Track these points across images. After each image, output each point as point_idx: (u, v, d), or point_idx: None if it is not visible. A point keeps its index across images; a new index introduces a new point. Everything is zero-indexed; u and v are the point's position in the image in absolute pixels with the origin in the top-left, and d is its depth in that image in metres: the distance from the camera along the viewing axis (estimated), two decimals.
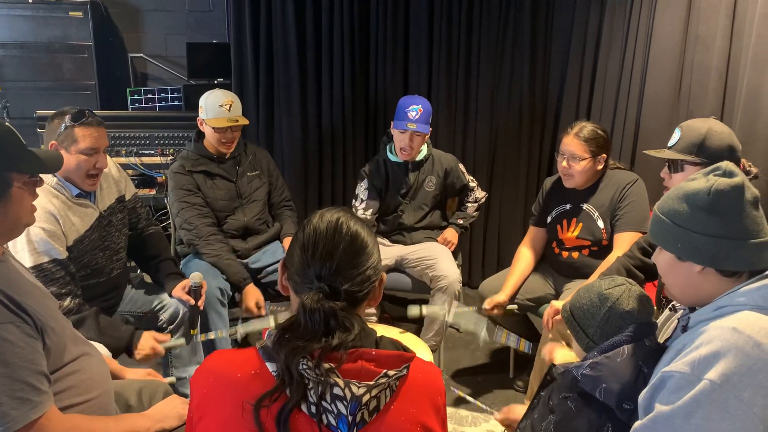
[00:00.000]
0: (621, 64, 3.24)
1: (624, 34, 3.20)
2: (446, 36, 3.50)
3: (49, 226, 1.98)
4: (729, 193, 1.18)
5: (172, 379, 1.93)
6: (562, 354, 1.78)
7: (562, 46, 3.45)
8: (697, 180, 1.23)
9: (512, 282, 2.59)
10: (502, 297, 2.53)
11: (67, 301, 1.98)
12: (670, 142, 1.92)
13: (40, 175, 1.41)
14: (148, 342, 2.05)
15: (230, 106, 2.66)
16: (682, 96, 3.05)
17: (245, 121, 2.70)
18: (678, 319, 1.37)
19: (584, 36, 3.35)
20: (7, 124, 1.37)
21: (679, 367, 1.13)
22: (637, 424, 1.18)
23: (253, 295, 2.53)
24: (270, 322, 2.18)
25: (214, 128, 2.63)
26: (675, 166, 1.90)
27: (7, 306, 1.26)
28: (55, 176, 2.07)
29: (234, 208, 2.75)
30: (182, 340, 2.21)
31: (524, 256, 2.66)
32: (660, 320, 1.57)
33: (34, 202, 1.42)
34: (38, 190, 1.42)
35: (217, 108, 2.63)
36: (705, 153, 1.82)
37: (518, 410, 1.62)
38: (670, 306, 1.62)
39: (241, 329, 2.01)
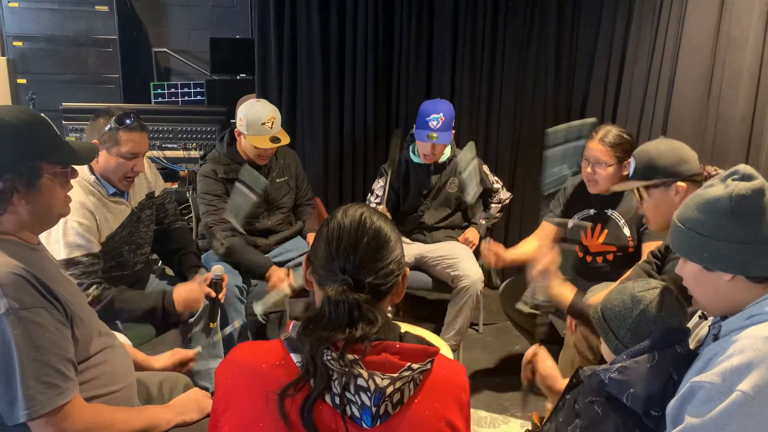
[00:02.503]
0: (649, 64, 3.18)
1: (653, 33, 3.14)
2: (470, 34, 3.48)
3: (86, 221, 2.02)
4: (751, 197, 1.15)
5: (198, 348, 1.94)
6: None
7: (589, 45, 3.40)
8: (714, 186, 1.20)
9: (519, 250, 2.58)
10: (506, 254, 2.52)
11: (92, 289, 2.01)
12: (629, 173, 1.93)
13: (75, 166, 1.41)
14: (181, 291, 2.11)
15: (272, 123, 2.59)
16: (711, 98, 2.98)
17: (286, 140, 2.64)
18: (709, 327, 1.34)
19: (611, 35, 3.30)
20: (42, 114, 1.37)
21: (710, 377, 1.10)
22: None
23: (277, 272, 2.53)
24: (285, 290, 2.19)
25: (254, 146, 2.59)
26: (641, 194, 1.89)
27: (40, 291, 1.26)
28: (93, 174, 2.10)
29: (259, 214, 2.75)
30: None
31: (531, 243, 2.65)
32: (690, 325, 1.53)
33: (73, 198, 1.42)
34: (76, 186, 1.42)
35: (260, 126, 2.56)
36: (660, 173, 1.82)
37: (560, 381, 1.60)
38: (699, 314, 1.59)
39: (259, 307, 2.01)
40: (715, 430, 1.06)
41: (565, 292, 1.93)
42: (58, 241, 1.94)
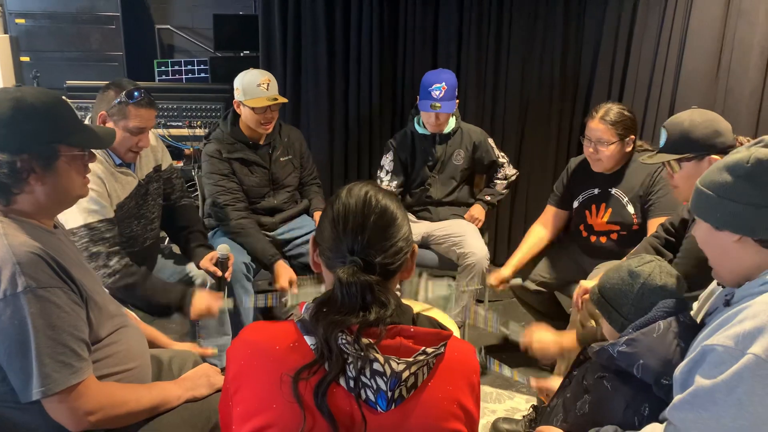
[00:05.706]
0: (657, 38, 3.13)
1: (662, 7, 3.09)
2: (477, 7, 3.42)
3: (97, 188, 2.02)
4: None
5: (214, 350, 1.95)
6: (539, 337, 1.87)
7: (596, 19, 3.35)
8: (739, 152, 1.21)
9: (518, 256, 2.61)
10: (506, 272, 2.56)
11: (115, 261, 2.01)
12: (660, 144, 1.88)
13: (93, 150, 1.41)
14: (202, 301, 2.09)
15: (267, 84, 2.60)
16: (721, 73, 2.94)
17: (284, 100, 2.65)
18: (723, 294, 1.34)
19: (619, 8, 3.25)
20: (63, 98, 1.38)
21: (722, 340, 1.10)
22: (676, 399, 1.15)
23: (285, 272, 2.51)
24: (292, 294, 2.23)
25: (253, 109, 2.58)
26: (672, 166, 1.85)
27: (56, 272, 1.28)
28: None
29: (265, 193, 2.76)
30: (231, 301, 2.23)
31: (536, 234, 2.67)
32: (703, 295, 1.53)
33: None
34: None
35: (255, 88, 2.58)
36: (694, 146, 1.79)
37: (554, 382, 1.62)
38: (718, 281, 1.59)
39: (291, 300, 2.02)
40: (725, 392, 1.06)
41: (566, 339, 1.85)
42: (73, 208, 1.94)
